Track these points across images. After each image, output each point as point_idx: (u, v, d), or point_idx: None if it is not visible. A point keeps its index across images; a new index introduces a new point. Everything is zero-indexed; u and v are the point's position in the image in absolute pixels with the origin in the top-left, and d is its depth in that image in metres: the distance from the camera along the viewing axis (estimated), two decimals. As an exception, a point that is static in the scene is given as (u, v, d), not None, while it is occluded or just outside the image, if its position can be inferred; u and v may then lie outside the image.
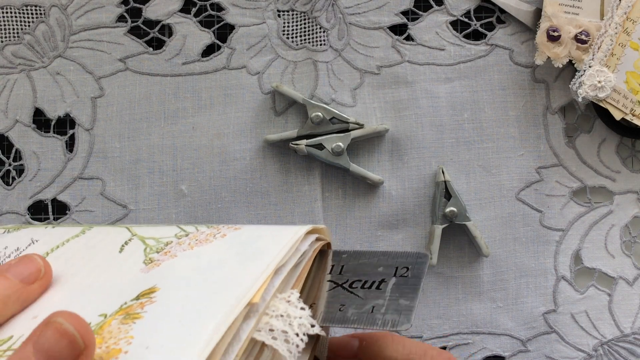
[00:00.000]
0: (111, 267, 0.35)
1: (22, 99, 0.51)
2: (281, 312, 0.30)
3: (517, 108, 0.52)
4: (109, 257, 0.36)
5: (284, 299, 0.31)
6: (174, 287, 0.32)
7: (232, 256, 0.33)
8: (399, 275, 0.34)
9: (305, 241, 0.35)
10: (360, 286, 0.34)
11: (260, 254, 0.33)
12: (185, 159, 0.51)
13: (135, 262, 0.35)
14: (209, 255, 0.34)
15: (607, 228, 0.52)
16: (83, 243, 0.38)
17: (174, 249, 0.35)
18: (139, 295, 0.31)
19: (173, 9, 0.51)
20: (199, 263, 0.33)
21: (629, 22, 0.48)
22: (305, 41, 0.51)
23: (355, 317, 0.33)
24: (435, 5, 0.52)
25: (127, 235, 0.38)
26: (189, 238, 0.36)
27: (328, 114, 0.50)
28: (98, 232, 0.39)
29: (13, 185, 0.51)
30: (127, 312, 0.30)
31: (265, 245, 0.33)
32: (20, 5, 0.51)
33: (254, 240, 0.35)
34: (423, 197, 0.51)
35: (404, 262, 0.35)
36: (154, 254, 0.35)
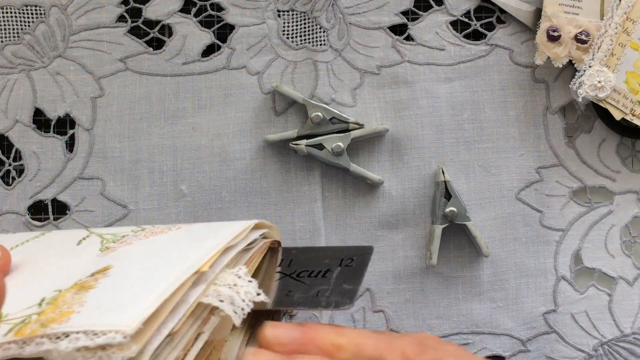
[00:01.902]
0: (68, 256, 0.37)
1: (22, 99, 0.51)
2: (229, 282, 0.33)
3: (517, 108, 0.52)
4: (66, 248, 0.38)
5: (232, 272, 0.34)
6: (127, 265, 0.34)
7: (185, 239, 0.36)
8: (344, 265, 0.36)
9: (255, 232, 0.38)
10: (307, 275, 0.37)
11: (211, 235, 0.35)
12: (185, 159, 0.51)
13: (92, 251, 0.37)
14: (162, 241, 0.37)
15: (607, 228, 0.52)
16: (42, 241, 0.40)
17: (129, 239, 0.38)
18: (93, 273, 0.34)
19: (173, 9, 0.51)
20: (153, 246, 0.36)
21: (629, 22, 0.48)
22: (305, 41, 0.51)
23: (301, 300, 0.35)
24: (435, 5, 0.52)
25: (85, 233, 0.40)
26: (144, 232, 0.39)
27: (328, 114, 0.50)
28: (57, 233, 0.41)
29: (13, 185, 0.51)
30: (81, 285, 0.32)
31: (216, 230, 0.36)
32: (20, 5, 0.51)
33: (206, 228, 0.38)
34: (423, 197, 0.51)
35: (349, 254, 0.37)
36: (110, 243, 0.38)
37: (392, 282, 0.51)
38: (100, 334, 0.28)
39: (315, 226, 0.51)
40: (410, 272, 0.51)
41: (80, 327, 0.28)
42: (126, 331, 0.27)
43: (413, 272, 0.51)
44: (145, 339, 0.28)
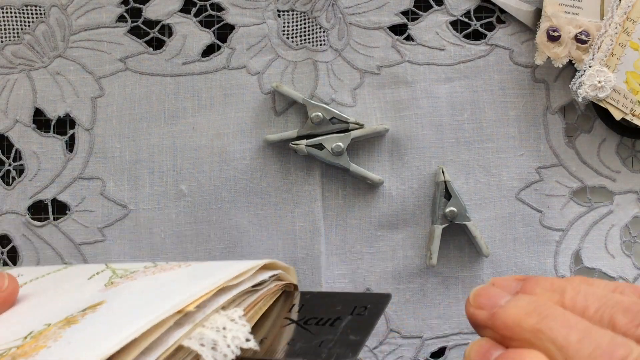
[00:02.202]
0: (75, 291, 0.36)
1: (22, 99, 0.51)
2: (218, 325, 0.31)
3: (517, 108, 0.52)
4: (77, 283, 0.37)
5: (225, 315, 0.31)
6: (119, 301, 0.32)
7: (184, 277, 0.34)
8: (355, 313, 0.34)
9: (266, 272, 0.35)
10: (315, 323, 0.34)
11: (211, 274, 0.33)
12: (185, 159, 0.51)
13: (97, 285, 0.36)
14: (164, 278, 0.35)
15: (607, 228, 0.52)
16: (60, 274, 0.39)
17: (137, 275, 0.36)
18: (85, 308, 0.32)
19: (173, 9, 0.51)
20: (153, 283, 0.34)
21: (629, 22, 0.48)
22: (305, 41, 0.51)
23: (301, 350, 0.33)
24: (435, 5, 0.52)
25: (101, 268, 0.39)
26: (156, 268, 0.37)
27: (328, 114, 0.50)
28: (77, 267, 0.40)
29: (13, 185, 0.51)
30: (68, 320, 0.31)
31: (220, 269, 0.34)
32: (20, 5, 0.51)
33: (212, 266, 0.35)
34: (423, 197, 0.51)
35: (364, 302, 0.35)
36: (117, 278, 0.36)
37: (392, 282, 0.51)
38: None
39: (315, 226, 0.51)
40: (410, 272, 0.51)
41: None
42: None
43: (413, 272, 0.51)
44: None
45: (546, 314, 0.28)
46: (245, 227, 0.51)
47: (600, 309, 0.28)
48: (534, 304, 0.29)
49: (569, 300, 0.29)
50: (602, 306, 0.28)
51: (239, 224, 0.51)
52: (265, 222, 0.51)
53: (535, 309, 0.28)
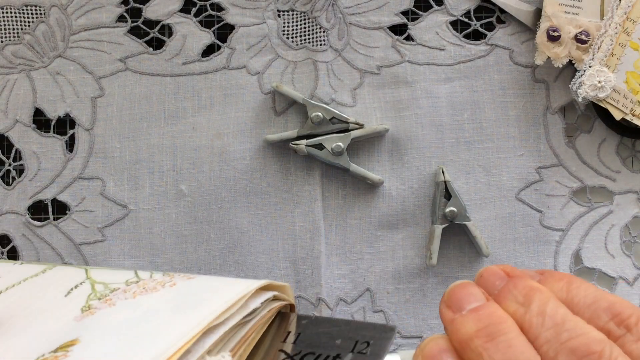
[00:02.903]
0: (49, 312, 0.33)
1: (22, 99, 0.51)
2: None
3: (517, 108, 0.52)
4: (53, 300, 0.34)
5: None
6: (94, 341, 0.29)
7: (168, 307, 0.31)
8: (357, 351, 0.31)
9: (258, 298, 0.32)
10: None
11: (196, 307, 0.30)
12: (185, 159, 0.51)
13: (74, 308, 0.32)
14: (146, 306, 0.31)
15: (607, 228, 0.52)
16: (39, 283, 0.36)
17: (115, 297, 0.33)
18: (57, 348, 0.29)
19: (173, 9, 0.51)
20: (133, 314, 0.31)
21: (629, 22, 0.48)
22: (305, 41, 0.51)
23: None
24: (435, 5, 0.52)
25: (80, 278, 0.35)
26: (137, 285, 0.34)
27: (328, 114, 0.50)
28: (56, 273, 0.37)
29: (13, 185, 0.51)
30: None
31: (207, 297, 0.31)
32: (20, 5, 0.51)
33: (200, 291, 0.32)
34: (423, 197, 0.51)
35: (366, 336, 0.32)
36: (95, 300, 0.33)
37: (392, 282, 0.51)
38: None
39: (315, 226, 0.51)
40: (410, 272, 0.51)
41: None
42: None
43: (413, 272, 0.51)
44: None
45: (494, 336, 0.28)
46: (245, 227, 0.51)
47: (549, 342, 0.27)
48: (488, 322, 0.28)
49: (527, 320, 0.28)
50: (552, 339, 0.27)
51: (239, 224, 0.51)
52: (265, 222, 0.51)
53: (487, 327, 0.28)
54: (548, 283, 0.31)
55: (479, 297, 0.30)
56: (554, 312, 0.28)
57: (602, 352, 0.26)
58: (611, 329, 0.27)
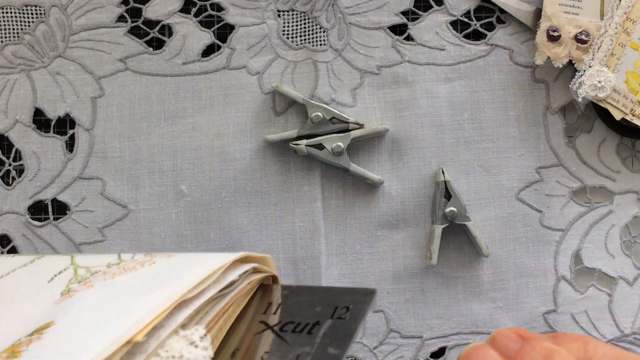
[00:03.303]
0: (31, 297, 0.33)
1: (22, 99, 0.51)
2: (174, 353, 0.27)
3: (517, 108, 0.52)
4: (37, 286, 0.34)
5: (185, 337, 0.28)
6: (68, 322, 0.29)
7: (141, 285, 0.30)
8: (336, 316, 0.31)
9: (236, 270, 0.31)
10: (292, 329, 0.31)
11: (172, 282, 0.29)
12: (185, 159, 0.51)
13: (54, 293, 0.32)
14: (122, 285, 0.31)
15: (607, 228, 0.52)
16: (26, 272, 0.35)
17: (94, 279, 0.32)
18: (33, 331, 0.29)
19: (173, 9, 0.51)
20: (108, 294, 0.31)
21: (629, 22, 0.48)
22: (305, 41, 0.51)
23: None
24: (435, 5, 0.52)
25: (65, 265, 0.35)
26: (117, 267, 0.33)
27: (328, 114, 0.50)
28: (44, 262, 0.37)
29: (13, 185, 0.51)
30: (13, 349, 0.28)
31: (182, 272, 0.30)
32: (20, 5, 0.51)
33: (178, 267, 0.31)
34: (423, 197, 0.51)
35: (345, 301, 0.31)
36: (75, 284, 0.33)
37: (392, 282, 0.51)
38: None
39: (315, 226, 0.51)
40: (410, 272, 0.51)
41: None
42: None
43: (413, 272, 0.51)
44: None
45: None
46: (245, 227, 0.51)
47: None
48: None
49: None
50: None
51: (239, 224, 0.51)
52: (265, 222, 0.51)
53: None
54: (564, 344, 0.31)
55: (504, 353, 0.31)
56: None
57: None
58: None
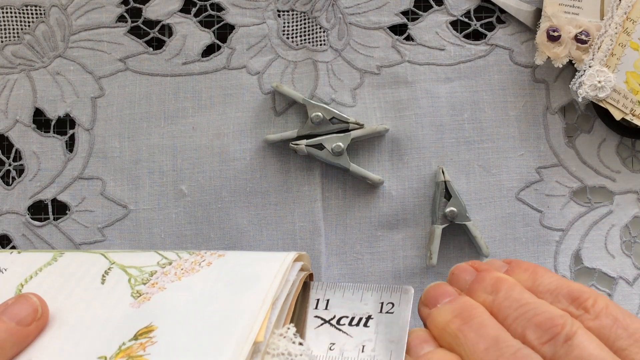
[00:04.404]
0: (96, 301, 0.34)
1: (22, 99, 0.51)
2: (282, 350, 0.30)
3: (517, 108, 0.52)
4: (90, 288, 0.35)
5: (281, 335, 0.31)
6: (172, 324, 0.31)
7: (223, 286, 0.33)
8: (384, 311, 0.35)
9: (293, 270, 0.34)
10: (348, 323, 0.34)
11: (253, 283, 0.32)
12: (185, 159, 0.51)
13: (123, 296, 0.34)
14: (199, 287, 0.33)
15: (607, 228, 0.52)
16: (58, 273, 0.36)
17: (160, 280, 0.34)
18: (136, 334, 0.31)
19: (173, 9, 0.51)
20: (191, 296, 0.33)
21: (629, 22, 0.48)
22: (305, 41, 0.51)
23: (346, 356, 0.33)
24: (435, 5, 0.52)
25: (105, 264, 0.36)
26: (173, 267, 0.35)
27: (328, 114, 0.50)
28: (72, 260, 0.37)
29: (13, 185, 0.51)
30: (128, 354, 0.30)
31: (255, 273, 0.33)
32: (20, 5, 0.51)
33: (242, 267, 0.34)
34: (423, 197, 0.51)
35: (389, 298, 0.35)
36: (141, 285, 0.34)
37: (392, 282, 0.51)
38: None
39: (315, 226, 0.51)
40: (410, 272, 0.51)
41: None
42: None
43: (413, 272, 0.51)
44: None
45: (468, 320, 0.31)
46: (245, 227, 0.51)
47: (517, 320, 0.30)
48: (461, 309, 0.31)
49: (496, 305, 0.31)
50: (519, 317, 0.30)
51: (239, 224, 0.51)
52: (265, 222, 0.51)
53: (461, 313, 0.31)
54: (515, 274, 0.34)
55: (451, 293, 0.34)
56: (519, 297, 0.31)
57: (564, 325, 0.28)
58: (571, 311, 0.30)
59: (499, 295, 0.32)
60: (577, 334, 0.28)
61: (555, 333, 0.28)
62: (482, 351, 0.29)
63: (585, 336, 0.28)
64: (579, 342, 0.28)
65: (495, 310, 0.31)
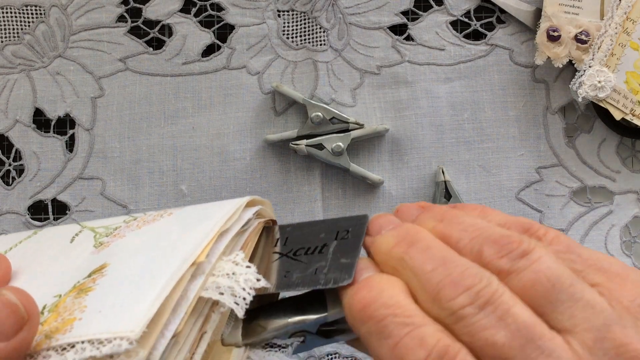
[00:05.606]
0: (62, 255, 0.36)
1: (22, 99, 0.51)
2: (227, 272, 0.31)
3: (517, 108, 0.52)
4: (59, 246, 0.37)
5: (229, 260, 0.32)
6: (123, 259, 0.33)
7: (176, 227, 0.35)
8: (340, 238, 0.35)
9: (249, 210, 0.36)
10: (304, 253, 0.35)
11: (204, 220, 0.34)
12: (185, 159, 0.51)
13: (86, 247, 0.35)
14: (154, 231, 0.35)
15: (607, 228, 0.52)
16: (35, 240, 0.38)
17: (122, 231, 0.36)
18: (90, 273, 0.32)
19: (173, 9, 0.51)
20: (145, 237, 0.34)
21: (629, 22, 0.48)
22: (305, 41, 0.51)
23: (299, 280, 0.33)
24: (435, 5, 0.52)
25: (77, 229, 0.38)
26: (136, 221, 0.37)
27: (328, 114, 0.50)
28: (49, 231, 0.40)
29: (13, 185, 0.51)
30: (79, 288, 0.31)
31: (208, 213, 0.35)
32: (20, 5, 0.51)
33: (197, 212, 0.36)
34: (423, 197, 0.51)
35: (344, 226, 0.35)
36: (104, 238, 0.36)
37: (392, 282, 0.51)
38: (105, 342, 0.27)
39: (315, 226, 0.51)
40: (410, 272, 0.51)
41: (84, 336, 0.27)
42: (130, 336, 0.26)
43: (413, 272, 0.51)
44: (151, 342, 0.27)
45: (413, 243, 0.29)
46: (245, 227, 0.51)
47: (472, 241, 0.29)
48: (406, 233, 0.30)
49: (447, 231, 0.30)
50: (475, 238, 0.29)
51: (239, 224, 0.51)
52: (265, 222, 0.51)
53: (405, 237, 0.30)
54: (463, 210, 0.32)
55: (396, 222, 0.32)
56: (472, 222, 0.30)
57: (522, 242, 0.28)
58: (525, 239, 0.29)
59: (450, 220, 0.31)
60: (535, 249, 0.27)
61: (512, 249, 0.28)
62: (429, 272, 0.28)
63: (544, 251, 0.28)
64: (538, 257, 0.27)
65: (446, 235, 0.30)
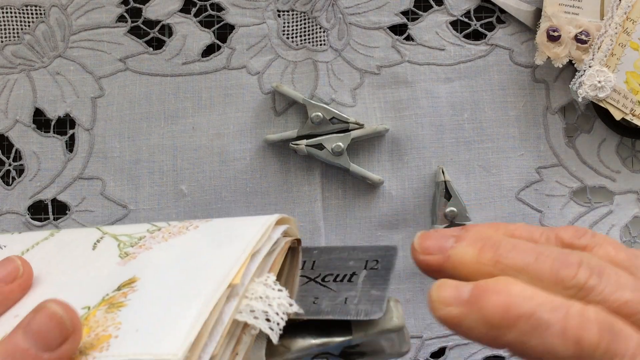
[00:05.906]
0: (86, 264, 0.35)
1: (22, 99, 0.51)
2: (260, 294, 0.31)
3: (517, 108, 0.52)
4: (82, 254, 0.36)
5: (261, 282, 0.32)
6: (153, 275, 0.32)
7: (206, 243, 0.34)
8: (369, 268, 0.35)
9: (277, 230, 0.35)
10: (333, 279, 0.35)
11: (234, 239, 0.33)
12: (185, 159, 0.51)
13: (111, 257, 0.35)
14: (183, 245, 0.35)
15: (607, 228, 0.52)
16: (53, 244, 0.37)
17: (148, 242, 0.35)
18: (119, 286, 0.32)
19: (173, 9, 0.51)
20: (175, 252, 0.34)
21: (629, 22, 0.48)
22: (305, 41, 0.51)
23: (329, 309, 0.33)
24: (435, 5, 0.52)
25: (98, 234, 0.38)
26: (161, 232, 0.36)
27: (328, 114, 0.50)
28: (67, 234, 0.39)
29: (13, 185, 0.51)
30: (110, 302, 0.31)
31: (238, 231, 0.34)
32: (20, 5, 0.51)
33: (226, 228, 0.35)
34: (423, 197, 0.51)
35: (373, 256, 0.35)
36: (129, 248, 0.35)
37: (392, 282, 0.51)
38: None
39: (315, 226, 0.51)
40: (410, 272, 0.51)
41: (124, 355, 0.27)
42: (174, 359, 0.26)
43: (413, 272, 0.51)
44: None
45: (497, 245, 0.29)
46: (245, 227, 0.51)
47: (544, 232, 0.30)
48: (482, 240, 0.30)
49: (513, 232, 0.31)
50: (545, 230, 0.30)
51: (238, 224, 0.51)
52: (265, 222, 0.51)
53: (485, 244, 0.30)
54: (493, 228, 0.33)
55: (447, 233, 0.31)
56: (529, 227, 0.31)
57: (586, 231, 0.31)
58: None
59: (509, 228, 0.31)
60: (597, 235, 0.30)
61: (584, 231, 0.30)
62: (535, 263, 0.28)
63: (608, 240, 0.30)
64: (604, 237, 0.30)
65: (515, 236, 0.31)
